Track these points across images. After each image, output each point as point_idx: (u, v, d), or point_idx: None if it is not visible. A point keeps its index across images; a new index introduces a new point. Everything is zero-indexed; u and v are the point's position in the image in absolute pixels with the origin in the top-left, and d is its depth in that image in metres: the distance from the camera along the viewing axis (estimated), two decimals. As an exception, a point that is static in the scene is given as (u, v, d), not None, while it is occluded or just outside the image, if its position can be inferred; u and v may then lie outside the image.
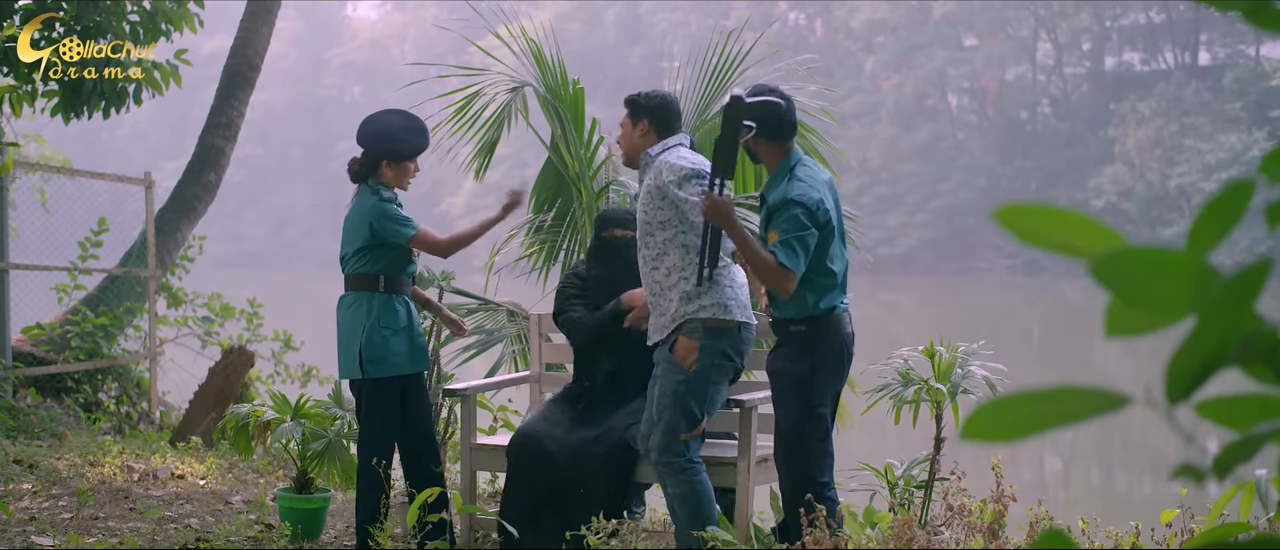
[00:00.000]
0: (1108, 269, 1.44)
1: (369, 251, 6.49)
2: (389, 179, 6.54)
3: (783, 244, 5.41)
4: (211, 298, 14.09)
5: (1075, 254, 1.52)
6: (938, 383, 5.98)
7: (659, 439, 5.86)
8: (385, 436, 6.51)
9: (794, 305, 5.57)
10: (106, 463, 9.19)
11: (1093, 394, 1.52)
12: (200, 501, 8.13)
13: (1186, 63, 61.65)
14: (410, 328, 6.51)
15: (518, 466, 6.39)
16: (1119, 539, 6.17)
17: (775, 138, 5.67)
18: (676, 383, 5.84)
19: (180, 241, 13.42)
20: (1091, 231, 1.47)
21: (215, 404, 10.88)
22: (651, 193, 5.92)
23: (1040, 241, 1.54)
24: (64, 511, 7.74)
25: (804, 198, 5.48)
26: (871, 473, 6.32)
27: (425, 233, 6.46)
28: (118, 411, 12.10)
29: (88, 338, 12.06)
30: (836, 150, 9.16)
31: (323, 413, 7.12)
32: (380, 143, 6.57)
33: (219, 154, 13.53)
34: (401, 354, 6.46)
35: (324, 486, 7.14)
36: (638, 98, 6.19)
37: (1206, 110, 56.15)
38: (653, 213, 5.89)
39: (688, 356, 5.80)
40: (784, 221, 5.46)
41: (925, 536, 4.69)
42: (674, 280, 5.85)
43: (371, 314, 6.44)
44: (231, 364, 11.06)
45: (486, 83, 9.40)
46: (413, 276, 6.64)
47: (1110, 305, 1.48)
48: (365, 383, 6.47)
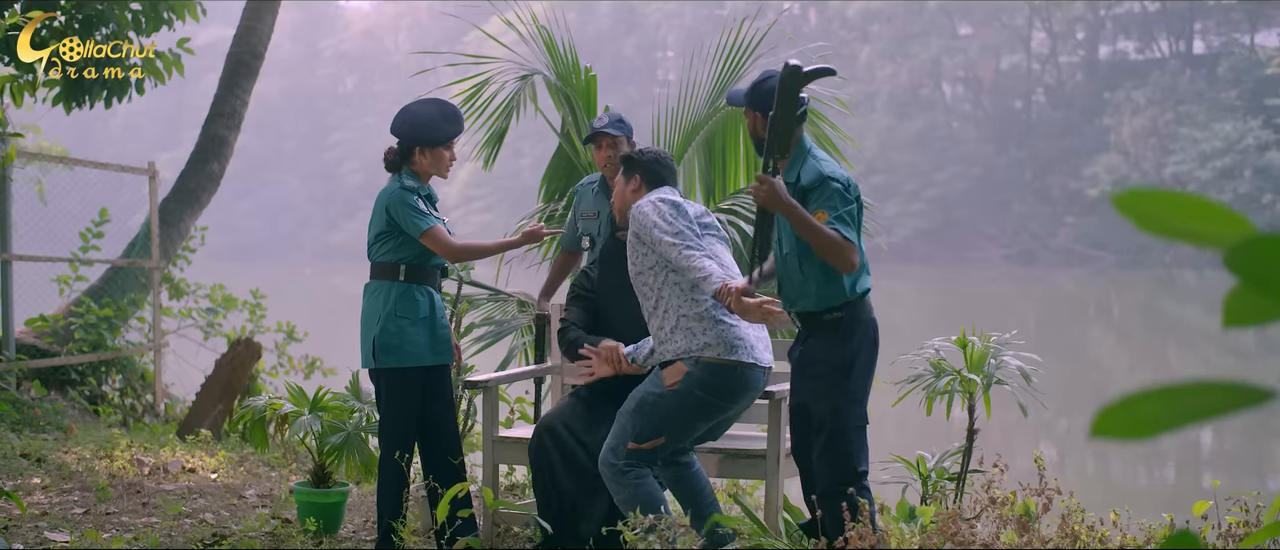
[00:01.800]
0: (1243, 257, 1.33)
1: (389, 238, 6.38)
2: (425, 167, 6.42)
3: (837, 220, 5.25)
4: (214, 289, 13.96)
5: (1201, 242, 1.42)
6: (971, 373, 5.88)
7: (609, 439, 5.80)
8: (403, 428, 6.40)
9: (828, 293, 5.41)
10: (116, 456, 9.06)
11: (1234, 389, 1.41)
12: (214, 496, 8.02)
13: (1181, 51, 61.67)
14: (432, 318, 6.39)
15: (540, 462, 6.28)
16: (1150, 530, 6.08)
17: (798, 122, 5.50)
18: (649, 392, 5.77)
19: (184, 232, 13.30)
20: (1221, 218, 1.37)
21: (222, 396, 10.75)
22: (632, 243, 5.85)
23: (1162, 228, 1.44)
24: (76, 506, 7.62)
25: (837, 174, 5.36)
26: (902, 465, 6.20)
27: (438, 233, 6.32)
28: (122, 404, 11.98)
29: (92, 329, 11.93)
30: (847, 137, 9.06)
31: (341, 405, 7.00)
32: (412, 130, 6.45)
33: (222, 143, 13.41)
34: (420, 344, 6.35)
35: (342, 481, 7.02)
36: (632, 155, 6.14)
37: (1201, 99, 56.19)
38: (639, 261, 5.81)
39: (673, 377, 5.70)
40: (827, 198, 5.29)
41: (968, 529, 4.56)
42: (673, 321, 5.73)
43: (388, 303, 6.35)
44: (239, 356, 10.94)
45: (496, 71, 9.27)
46: (442, 268, 6.53)
47: (1232, 294, 1.38)
48: (381, 372, 6.38)
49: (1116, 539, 5.97)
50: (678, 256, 5.60)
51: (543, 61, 9.30)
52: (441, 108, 6.52)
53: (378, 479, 6.56)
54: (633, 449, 5.70)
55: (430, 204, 6.44)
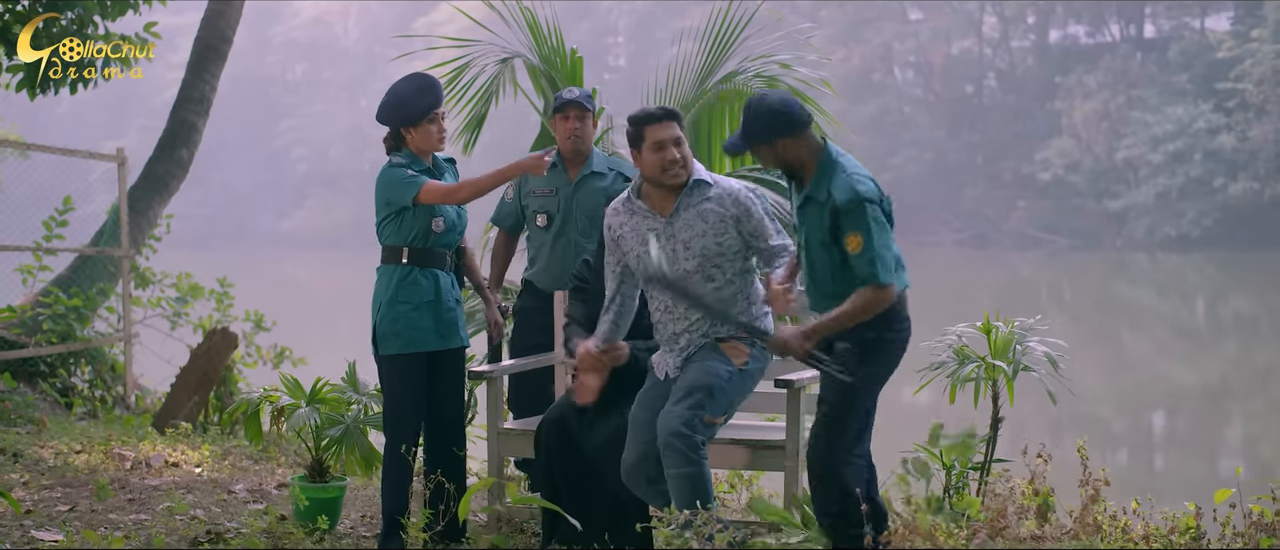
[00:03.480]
0: None
1: (390, 221, 6.20)
2: (416, 144, 6.21)
3: (871, 257, 5.01)
4: (180, 277, 13.68)
5: None
6: (996, 360, 5.73)
7: (684, 412, 5.49)
8: (406, 417, 6.21)
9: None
10: (94, 450, 8.81)
11: None
12: (202, 491, 7.78)
13: (1132, 35, 61.92)
14: (438, 302, 6.18)
15: (545, 453, 6.09)
16: (1174, 519, 5.96)
17: (799, 130, 5.25)
18: (725, 369, 5.61)
19: (153, 220, 13.03)
20: None
21: (198, 387, 10.50)
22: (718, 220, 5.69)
23: None
24: (59, 502, 7.37)
25: (872, 194, 5.10)
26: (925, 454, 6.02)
27: (432, 186, 6.11)
28: (92, 396, 11.69)
29: (60, 320, 11.64)
30: (831, 119, 8.96)
31: (339, 397, 6.78)
32: (391, 111, 6.26)
33: (191, 129, 13.14)
34: (423, 329, 6.15)
35: (340, 475, 6.79)
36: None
37: (1153, 82, 56.41)
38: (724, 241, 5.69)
39: (741, 356, 5.62)
40: (860, 222, 5.04)
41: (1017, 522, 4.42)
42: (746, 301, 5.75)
43: (391, 287, 6.17)
44: (214, 346, 10.67)
45: (477, 53, 9.08)
46: (452, 248, 6.30)
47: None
48: (383, 359, 6.21)
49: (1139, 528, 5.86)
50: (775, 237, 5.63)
51: (524, 43, 9.11)
52: (417, 82, 6.31)
53: (382, 471, 6.36)
54: (710, 423, 5.54)
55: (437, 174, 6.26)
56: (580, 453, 5.96)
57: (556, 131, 7.18)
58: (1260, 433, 18.19)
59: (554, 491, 5.93)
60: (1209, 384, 21.52)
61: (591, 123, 7.16)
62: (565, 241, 7.13)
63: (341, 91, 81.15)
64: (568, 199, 7.11)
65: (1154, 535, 5.64)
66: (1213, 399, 20.37)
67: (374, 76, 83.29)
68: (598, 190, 7.09)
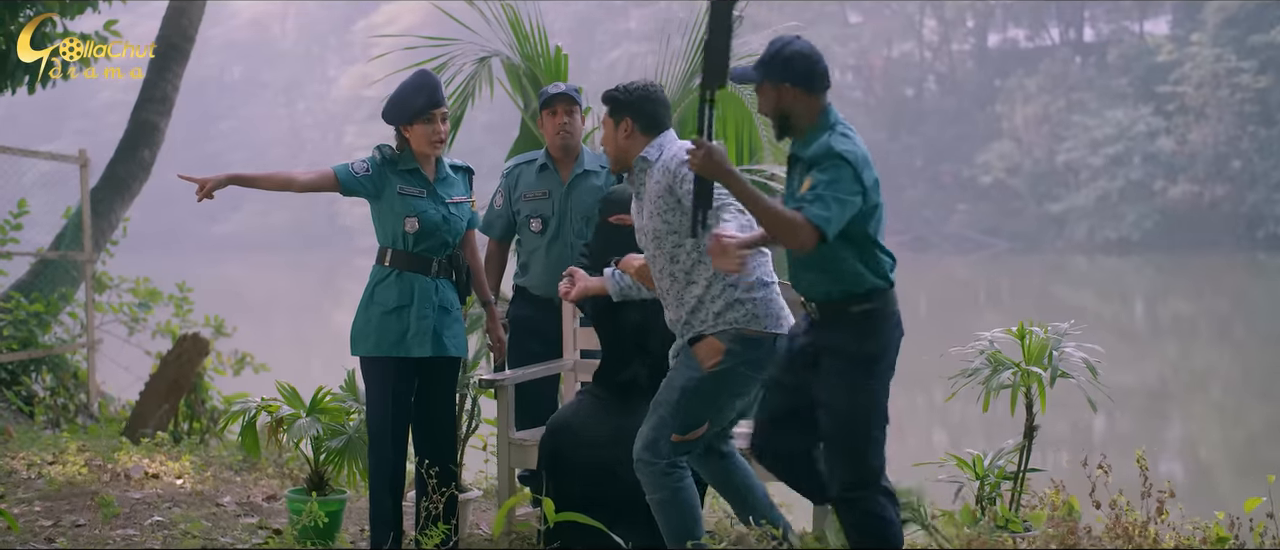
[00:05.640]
0: None
1: (373, 219, 6.04)
2: (417, 145, 5.98)
3: (814, 195, 4.67)
4: (139, 282, 13.35)
5: None
6: (1031, 365, 5.56)
7: (646, 433, 5.31)
8: (373, 419, 5.98)
9: (852, 281, 4.88)
10: (68, 461, 8.50)
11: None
12: (188, 504, 7.48)
13: (1071, 39, 62.42)
14: (413, 308, 5.94)
15: (553, 464, 5.89)
16: (1204, 527, 5.82)
17: (810, 88, 4.91)
18: (688, 378, 5.29)
19: (114, 222, 12.70)
20: None
21: (169, 395, 10.18)
22: (660, 199, 5.31)
23: None
24: (41, 518, 7.07)
25: (851, 154, 4.75)
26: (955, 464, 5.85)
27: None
28: (54, 404, 11.34)
29: (21, 326, 11.29)
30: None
31: (339, 406, 6.52)
32: (389, 109, 6.06)
33: (153, 130, 12.86)
34: (394, 333, 5.91)
35: (339, 486, 6.54)
36: (617, 93, 5.52)
37: (1092, 86, 56.84)
38: (672, 220, 5.30)
39: (711, 357, 5.24)
40: (824, 170, 4.71)
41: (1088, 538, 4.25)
42: (706, 288, 5.28)
43: (369, 287, 6.01)
44: (185, 352, 10.36)
45: (455, 52, 8.85)
46: (438, 254, 6.04)
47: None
48: (360, 361, 6.02)
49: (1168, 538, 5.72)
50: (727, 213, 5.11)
51: (505, 41, 8.90)
52: (415, 80, 6.10)
53: (368, 481, 6.14)
54: (678, 442, 5.27)
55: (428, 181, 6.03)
56: (591, 459, 5.77)
57: (544, 129, 6.97)
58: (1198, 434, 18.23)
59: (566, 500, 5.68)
60: (1148, 386, 21.54)
61: (580, 117, 6.97)
62: (561, 245, 6.91)
63: (279, 94, 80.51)
64: (562, 201, 6.91)
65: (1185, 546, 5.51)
66: (1151, 400, 20.38)
67: (311, 78, 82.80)
68: (592, 189, 6.89)
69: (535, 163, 7.02)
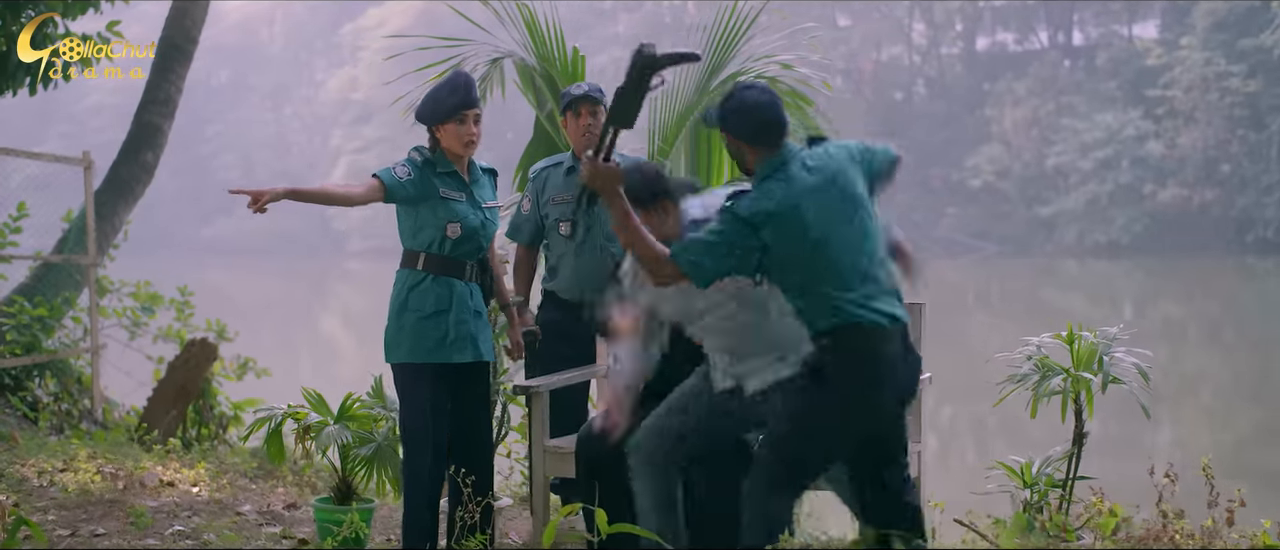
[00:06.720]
0: None
1: (403, 222, 5.91)
2: (450, 142, 5.85)
3: (694, 240, 4.78)
4: (139, 286, 13.17)
5: None
6: (1082, 371, 5.45)
7: (654, 422, 5.36)
8: (409, 427, 5.84)
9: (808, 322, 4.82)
10: (80, 468, 8.34)
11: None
12: (207, 513, 7.33)
13: (1060, 42, 62.49)
14: (450, 313, 5.82)
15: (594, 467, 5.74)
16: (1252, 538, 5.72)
17: (753, 141, 4.92)
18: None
19: (118, 225, 12.54)
20: None
21: (176, 400, 10.04)
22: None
23: None
24: (57, 527, 6.91)
25: (749, 210, 4.75)
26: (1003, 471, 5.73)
27: None
28: (58, 409, 11.16)
29: (25, 330, 11.12)
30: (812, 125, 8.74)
31: (367, 413, 6.38)
32: (423, 109, 5.94)
33: (156, 132, 12.70)
34: (432, 339, 5.79)
35: (368, 496, 6.40)
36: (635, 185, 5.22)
37: (1081, 89, 56.89)
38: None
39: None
40: (718, 220, 4.81)
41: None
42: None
43: (402, 293, 5.86)
44: (193, 357, 10.23)
45: (468, 53, 8.71)
46: (473, 258, 5.92)
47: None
48: (392, 367, 5.89)
49: (1217, 545, 5.60)
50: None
51: (519, 42, 8.77)
52: (450, 80, 5.99)
53: (403, 490, 6.00)
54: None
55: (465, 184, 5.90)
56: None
57: (568, 131, 6.83)
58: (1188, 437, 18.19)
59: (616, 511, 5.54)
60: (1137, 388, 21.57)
61: (603, 112, 6.77)
62: (590, 248, 6.78)
63: (266, 98, 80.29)
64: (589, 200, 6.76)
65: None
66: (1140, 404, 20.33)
67: (299, 82, 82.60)
68: None
69: (562, 165, 6.89)
